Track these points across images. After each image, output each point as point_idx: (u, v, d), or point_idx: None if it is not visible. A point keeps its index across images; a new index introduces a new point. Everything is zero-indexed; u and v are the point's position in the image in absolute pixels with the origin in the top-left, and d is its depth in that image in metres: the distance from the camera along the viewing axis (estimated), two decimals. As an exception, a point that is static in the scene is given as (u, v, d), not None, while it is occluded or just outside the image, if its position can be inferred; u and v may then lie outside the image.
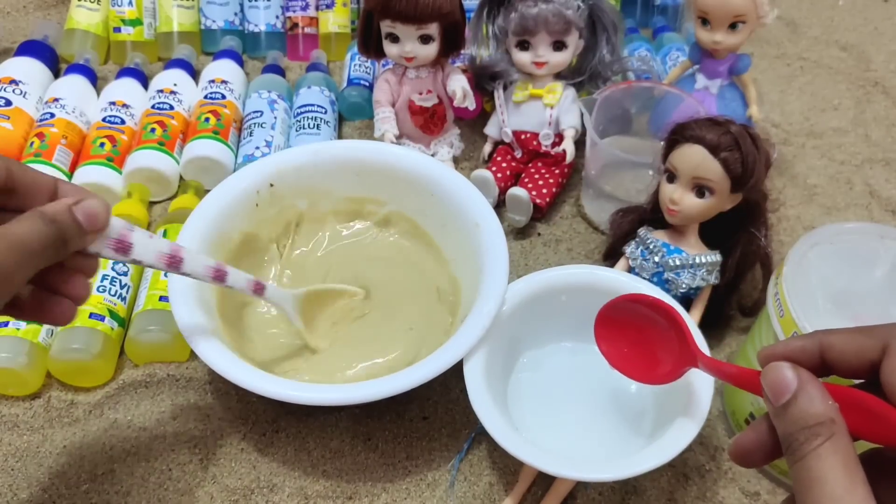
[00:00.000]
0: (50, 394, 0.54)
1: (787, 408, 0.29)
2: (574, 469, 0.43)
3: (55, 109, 0.69)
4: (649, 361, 0.44)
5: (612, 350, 0.45)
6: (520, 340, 0.52)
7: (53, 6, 0.90)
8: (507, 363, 0.51)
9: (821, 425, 0.28)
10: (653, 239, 0.54)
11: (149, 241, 0.40)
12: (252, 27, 0.84)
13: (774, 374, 0.30)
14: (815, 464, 0.27)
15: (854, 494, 0.26)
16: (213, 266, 0.45)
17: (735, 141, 0.48)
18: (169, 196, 0.69)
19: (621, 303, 0.45)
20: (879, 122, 0.77)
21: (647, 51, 0.79)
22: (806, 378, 0.30)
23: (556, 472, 0.43)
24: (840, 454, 0.27)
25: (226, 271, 0.46)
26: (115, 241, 0.38)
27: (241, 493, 0.49)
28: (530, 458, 0.42)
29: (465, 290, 0.55)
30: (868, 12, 0.92)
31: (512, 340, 0.51)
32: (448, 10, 0.60)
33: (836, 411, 0.29)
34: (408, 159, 0.59)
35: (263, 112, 0.71)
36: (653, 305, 0.44)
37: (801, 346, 0.31)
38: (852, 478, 0.27)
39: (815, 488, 0.27)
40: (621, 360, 0.45)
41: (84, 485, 0.50)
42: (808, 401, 0.29)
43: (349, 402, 0.45)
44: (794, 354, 0.31)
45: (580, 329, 0.52)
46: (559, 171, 0.67)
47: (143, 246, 0.39)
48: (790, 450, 0.29)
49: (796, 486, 0.28)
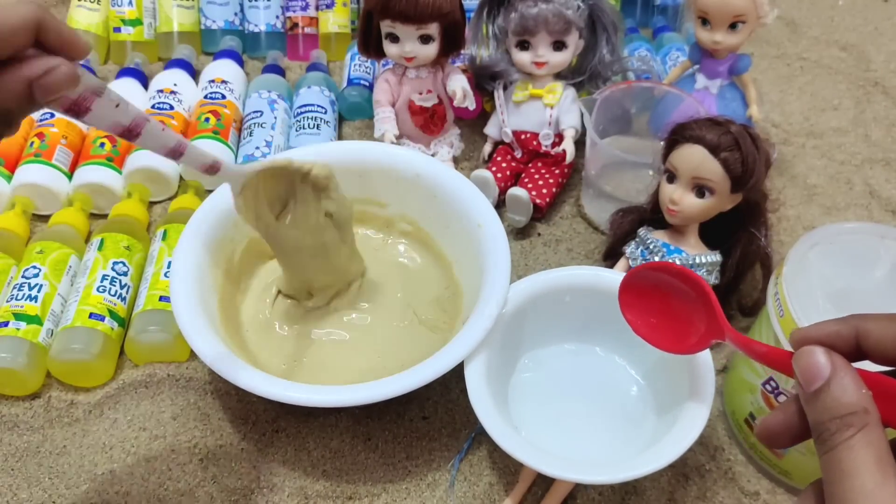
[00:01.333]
0: (50, 394, 0.54)
1: (818, 395, 0.28)
2: (574, 471, 0.42)
3: (55, 109, 0.69)
4: (676, 332, 0.43)
5: (638, 319, 0.44)
6: (521, 341, 0.52)
7: (53, 6, 0.90)
8: (508, 363, 0.51)
9: (853, 415, 0.27)
10: (653, 239, 0.54)
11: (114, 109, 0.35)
12: (252, 27, 0.84)
13: (807, 358, 0.29)
14: (847, 455, 0.26)
15: (885, 489, 0.26)
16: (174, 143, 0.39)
17: (735, 141, 0.48)
18: (169, 196, 0.69)
19: (646, 271, 0.43)
20: (879, 122, 0.77)
21: (647, 51, 0.79)
22: (840, 364, 0.29)
23: (556, 474, 0.43)
24: (873, 447, 0.27)
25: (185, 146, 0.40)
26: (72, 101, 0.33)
27: (241, 493, 0.49)
28: (530, 459, 0.42)
29: (466, 291, 0.55)
30: (868, 12, 0.92)
31: (513, 341, 0.51)
32: (448, 9, 0.60)
33: (870, 400, 0.28)
34: (410, 161, 0.58)
35: (263, 112, 0.71)
36: (680, 275, 0.42)
37: (837, 330, 0.30)
38: (884, 472, 0.26)
39: (846, 481, 0.26)
40: (647, 330, 0.44)
41: (84, 485, 0.50)
42: (842, 389, 0.28)
43: (349, 403, 0.45)
44: (828, 339, 0.30)
45: (582, 330, 0.52)
46: (559, 171, 0.67)
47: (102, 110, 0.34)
48: (821, 439, 0.28)
49: (826, 476, 0.27)
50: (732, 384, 0.52)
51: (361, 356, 0.53)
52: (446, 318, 0.55)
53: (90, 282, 0.56)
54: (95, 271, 0.56)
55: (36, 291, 0.55)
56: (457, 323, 0.54)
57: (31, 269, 0.56)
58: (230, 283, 0.56)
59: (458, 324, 0.53)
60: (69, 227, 0.61)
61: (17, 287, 0.55)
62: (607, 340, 0.53)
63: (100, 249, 0.58)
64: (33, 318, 0.54)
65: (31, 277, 0.56)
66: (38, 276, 0.56)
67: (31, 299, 0.55)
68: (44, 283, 0.56)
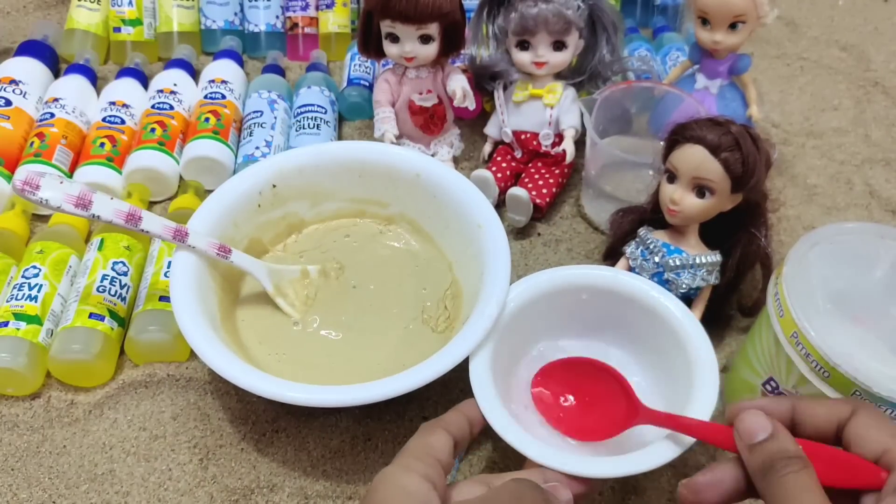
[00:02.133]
0: (50, 394, 0.54)
1: (763, 444, 0.33)
2: (573, 465, 0.42)
3: (55, 109, 0.69)
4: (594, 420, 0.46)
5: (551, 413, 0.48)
6: (527, 338, 0.52)
7: (53, 6, 0.90)
8: (512, 359, 0.51)
9: (799, 458, 0.32)
10: (653, 239, 0.54)
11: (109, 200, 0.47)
12: (252, 27, 0.84)
13: (753, 417, 0.35)
14: (795, 483, 0.31)
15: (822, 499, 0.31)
16: (174, 227, 0.50)
17: (735, 141, 0.48)
18: (169, 196, 0.69)
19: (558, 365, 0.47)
20: (879, 122, 0.77)
21: (647, 51, 0.79)
22: (780, 425, 0.34)
23: (557, 466, 0.42)
24: (815, 480, 0.32)
25: (186, 232, 0.50)
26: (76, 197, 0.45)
27: (241, 493, 0.49)
28: (535, 453, 0.42)
29: (466, 291, 0.55)
30: (868, 12, 0.92)
31: (521, 337, 0.51)
32: (448, 9, 0.60)
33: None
34: (410, 161, 0.58)
35: (263, 112, 0.71)
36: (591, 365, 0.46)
37: (774, 404, 0.36)
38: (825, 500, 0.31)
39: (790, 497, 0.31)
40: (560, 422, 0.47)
41: (84, 485, 0.50)
42: (786, 440, 0.33)
43: (349, 403, 0.45)
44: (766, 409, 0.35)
45: (588, 328, 0.52)
46: (559, 171, 0.67)
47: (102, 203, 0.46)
48: (768, 474, 0.32)
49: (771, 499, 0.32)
50: (732, 384, 0.52)
51: (361, 356, 0.53)
52: (446, 318, 0.55)
53: (90, 282, 0.56)
54: (95, 271, 0.56)
55: (36, 291, 0.55)
56: (457, 323, 0.54)
57: (31, 269, 0.56)
58: (230, 283, 0.56)
59: (458, 324, 0.53)
60: (69, 227, 0.61)
61: (17, 287, 0.55)
62: (615, 338, 0.52)
63: (100, 249, 0.58)
64: (33, 318, 0.54)
65: (31, 277, 0.56)
66: (38, 276, 0.56)
67: (31, 299, 0.55)
68: (44, 283, 0.56)
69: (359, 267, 0.59)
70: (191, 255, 0.51)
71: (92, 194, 0.48)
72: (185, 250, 0.51)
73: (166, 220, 0.51)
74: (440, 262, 0.58)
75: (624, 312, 0.51)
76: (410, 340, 0.54)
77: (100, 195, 0.48)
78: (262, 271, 0.55)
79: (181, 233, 0.51)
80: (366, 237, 0.61)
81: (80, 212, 0.47)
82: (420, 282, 0.58)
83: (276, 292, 0.55)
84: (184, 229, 0.51)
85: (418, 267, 0.59)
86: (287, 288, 0.56)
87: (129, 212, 0.49)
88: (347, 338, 0.55)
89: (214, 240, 0.53)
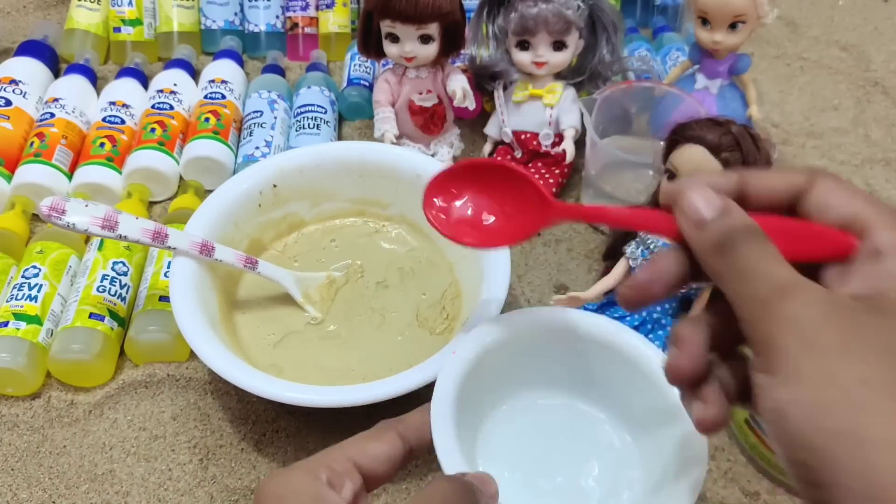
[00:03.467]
0: (50, 394, 0.54)
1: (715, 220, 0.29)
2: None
3: (55, 109, 0.69)
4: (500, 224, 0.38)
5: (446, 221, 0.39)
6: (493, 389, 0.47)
7: (53, 6, 0.90)
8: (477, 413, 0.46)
9: (757, 230, 0.28)
10: (653, 239, 0.54)
11: (134, 220, 0.48)
12: (252, 27, 0.84)
13: (699, 193, 0.29)
14: (759, 255, 0.28)
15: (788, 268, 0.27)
16: (199, 242, 0.50)
17: (736, 141, 0.48)
18: (169, 196, 0.69)
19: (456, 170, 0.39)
20: (879, 122, 0.77)
21: (647, 51, 0.79)
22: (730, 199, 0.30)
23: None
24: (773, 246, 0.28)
25: (213, 246, 0.51)
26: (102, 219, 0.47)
27: (241, 493, 0.49)
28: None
29: (466, 292, 0.55)
30: (868, 12, 0.92)
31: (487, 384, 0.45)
32: (448, 9, 0.60)
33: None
34: (411, 161, 0.58)
35: (263, 112, 0.71)
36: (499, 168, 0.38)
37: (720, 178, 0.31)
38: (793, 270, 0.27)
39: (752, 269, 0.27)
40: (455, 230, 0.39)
41: (84, 485, 0.50)
42: (739, 212, 0.29)
43: (349, 403, 0.45)
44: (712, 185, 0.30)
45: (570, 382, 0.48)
46: (559, 171, 0.67)
47: (128, 223, 0.48)
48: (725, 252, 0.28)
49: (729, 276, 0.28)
50: (734, 415, 0.52)
51: (361, 357, 0.53)
52: (446, 319, 0.55)
53: (90, 282, 0.56)
54: (95, 271, 0.56)
55: (36, 291, 0.55)
56: (456, 324, 0.54)
57: (31, 269, 0.56)
58: (230, 283, 0.56)
59: (458, 325, 0.53)
60: (69, 227, 0.61)
61: (17, 287, 0.55)
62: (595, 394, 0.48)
63: (100, 249, 0.58)
64: (33, 318, 0.54)
65: (31, 277, 0.56)
66: (37, 276, 0.56)
67: (30, 299, 0.55)
68: (44, 283, 0.56)
69: (359, 267, 0.59)
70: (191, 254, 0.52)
71: (117, 215, 0.48)
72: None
73: (191, 235, 0.51)
74: (440, 263, 0.58)
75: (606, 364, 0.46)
76: (410, 341, 0.54)
77: (125, 215, 0.49)
78: (289, 280, 0.56)
79: (207, 247, 0.51)
80: (366, 237, 0.61)
81: (108, 233, 0.48)
82: (420, 283, 0.58)
83: (304, 300, 0.56)
84: (210, 244, 0.52)
85: (418, 268, 0.59)
86: (315, 294, 0.56)
87: (154, 230, 0.50)
88: (347, 338, 0.55)
89: (240, 252, 0.53)
